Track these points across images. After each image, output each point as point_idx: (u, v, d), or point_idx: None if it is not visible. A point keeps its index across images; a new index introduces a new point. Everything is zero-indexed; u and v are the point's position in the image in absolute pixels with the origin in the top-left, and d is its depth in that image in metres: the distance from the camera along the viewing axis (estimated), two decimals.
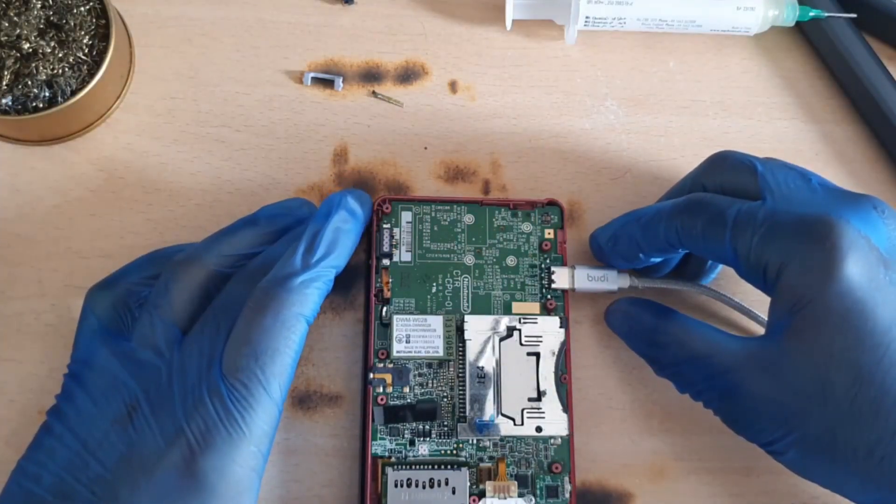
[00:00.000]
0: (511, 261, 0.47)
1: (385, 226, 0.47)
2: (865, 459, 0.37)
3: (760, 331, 0.49)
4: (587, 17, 0.51)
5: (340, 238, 0.42)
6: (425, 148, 0.51)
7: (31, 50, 0.46)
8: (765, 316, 0.47)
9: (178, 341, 0.41)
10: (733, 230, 0.40)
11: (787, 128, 0.53)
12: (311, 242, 0.41)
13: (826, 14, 0.51)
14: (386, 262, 0.46)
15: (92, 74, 0.46)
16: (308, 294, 0.40)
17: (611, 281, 0.47)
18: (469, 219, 0.48)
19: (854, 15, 0.52)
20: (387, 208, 0.47)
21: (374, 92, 0.51)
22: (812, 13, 0.51)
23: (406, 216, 0.47)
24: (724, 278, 0.49)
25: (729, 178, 0.43)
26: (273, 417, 0.39)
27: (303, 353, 0.47)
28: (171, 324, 0.41)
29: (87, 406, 0.40)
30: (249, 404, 0.38)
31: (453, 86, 0.52)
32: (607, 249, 0.46)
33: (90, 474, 0.38)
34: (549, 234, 0.48)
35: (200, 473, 0.38)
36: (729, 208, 0.41)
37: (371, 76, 0.52)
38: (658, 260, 0.46)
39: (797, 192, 0.40)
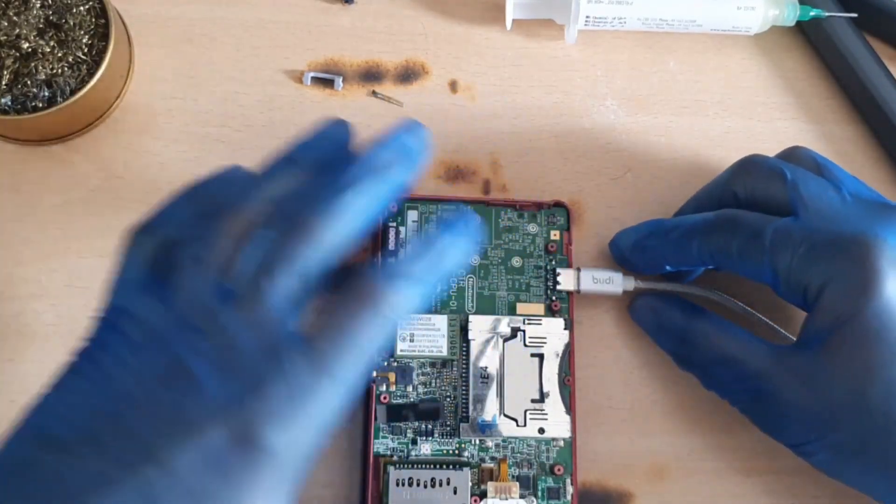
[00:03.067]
0: (516, 261, 0.47)
1: (391, 224, 0.47)
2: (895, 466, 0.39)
3: (764, 332, 0.49)
4: (587, 17, 0.51)
5: (455, 261, 0.40)
6: None
7: (30, 49, 0.46)
8: (765, 317, 0.47)
9: (231, 300, 0.38)
10: (772, 252, 0.41)
11: (787, 128, 0.53)
12: (434, 255, 0.39)
13: (826, 14, 0.51)
14: (392, 260, 0.46)
15: (91, 74, 0.46)
16: (411, 297, 0.38)
17: (616, 283, 0.47)
18: None
19: (854, 15, 0.52)
20: (393, 207, 0.47)
21: (374, 92, 0.51)
22: (812, 13, 0.51)
23: (412, 215, 0.47)
24: (727, 280, 0.49)
25: (759, 185, 0.43)
26: (342, 404, 0.37)
27: None
28: (220, 279, 0.38)
29: (128, 357, 0.37)
30: (323, 387, 0.36)
31: (453, 86, 0.52)
32: (632, 258, 0.47)
33: (125, 427, 0.35)
34: (554, 235, 0.48)
35: (261, 446, 0.35)
36: (764, 228, 0.41)
37: (371, 76, 0.52)
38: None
39: (830, 206, 0.41)
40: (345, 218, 0.38)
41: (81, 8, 0.47)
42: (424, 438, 0.45)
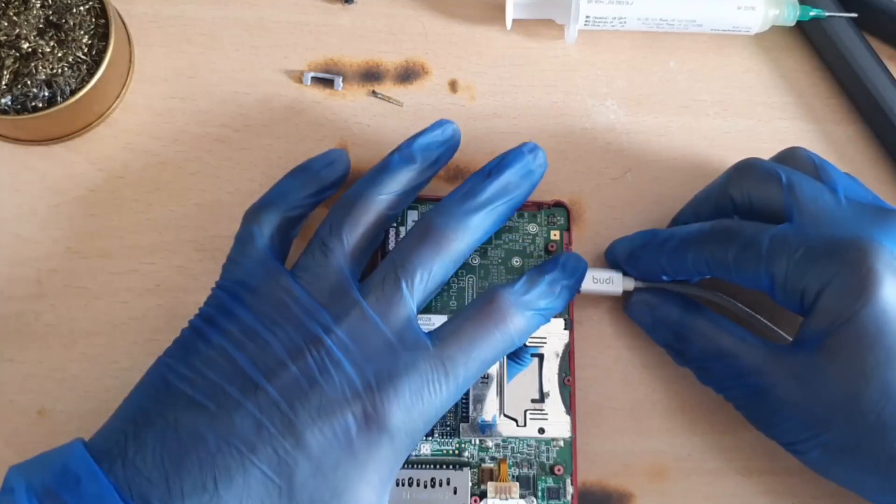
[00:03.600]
0: (516, 261, 0.47)
1: (391, 225, 0.47)
2: (887, 466, 0.39)
3: (763, 333, 0.49)
4: (587, 17, 0.51)
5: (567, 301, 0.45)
6: None
7: (30, 49, 0.46)
8: (764, 319, 0.47)
9: (367, 291, 0.41)
10: (768, 260, 0.41)
11: (787, 128, 0.53)
12: (557, 295, 0.44)
13: (827, 14, 0.51)
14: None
15: (91, 74, 0.46)
16: (533, 326, 0.43)
17: (616, 284, 0.47)
18: None
19: (855, 14, 0.52)
20: None
21: (373, 91, 0.51)
22: (813, 13, 0.51)
23: (412, 215, 0.47)
24: (727, 283, 0.49)
25: (755, 188, 0.43)
26: (456, 399, 0.41)
27: None
28: (345, 267, 0.42)
29: (259, 329, 0.40)
30: (445, 385, 0.40)
31: (453, 85, 0.52)
32: (627, 268, 0.47)
33: (264, 395, 0.38)
34: (554, 235, 0.48)
35: (386, 428, 0.39)
36: (759, 236, 0.41)
37: (371, 76, 0.52)
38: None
39: (825, 209, 0.41)
40: (476, 234, 0.43)
41: (81, 8, 0.47)
42: (424, 438, 0.45)
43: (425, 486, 0.44)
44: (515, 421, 0.45)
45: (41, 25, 0.46)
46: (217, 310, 0.41)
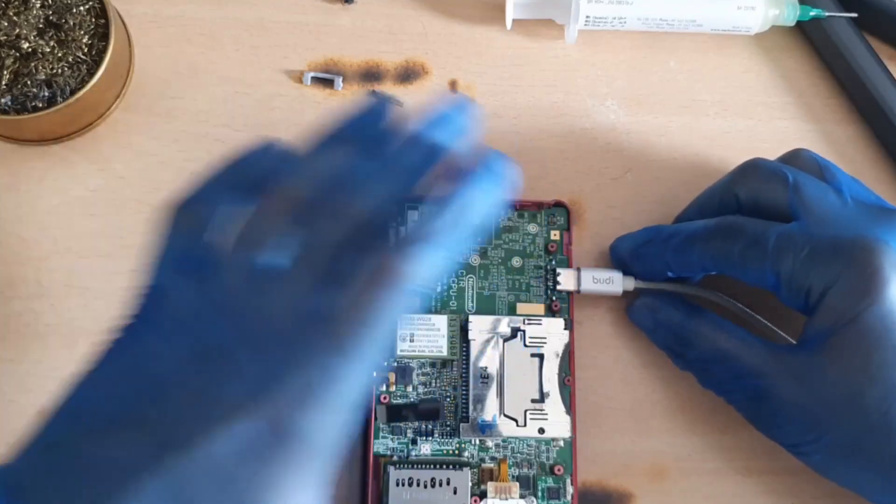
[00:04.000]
0: (516, 262, 0.48)
1: (390, 224, 0.47)
2: (890, 466, 0.39)
3: (764, 334, 0.49)
4: (587, 17, 0.51)
5: (481, 212, 0.38)
6: None
7: (30, 49, 0.46)
8: (765, 320, 0.47)
9: (268, 280, 0.38)
10: (774, 257, 0.41)
11: (787, 127, 0.53)
12: (452, 213, 0.38)
13: (827, 14, 0.51)
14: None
15: (91, 74, 0.46)
16: (431, 267, 0.37)
17: (616, 283, 0.47)
18: None
19: (855, 14, 0.52)
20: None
21: (374, 92, 0.51)
22: (813, 13, 0.51)
23: (412, 215, 0.47)
24: (728, 282, 0.49)
25: (761, 189, 0.44)
26: (364, 382, 0.37)
27: None
28: (266, 262, 0.39)
29: (174, 337, 0.37)
30: (346, 371, 0.36)
31: (453, 85, 0.52)
32: (631, 265, 0.47)
33: (171, 408, 0.36)
34: (554, 235, 0.48)
35: (291, 431, 0.36)
36: (767, 234, 0.41)
37: (371, 76, 0.52)
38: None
39: (831, 210, 0.41)
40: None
41: (81, 8, 0.47)
42: (424, 438, 0.45)
43: (425, 486, 0.44)
44: (515, 421, 0.45)
45: (41, 25, 0.46)
46: (134, 317, 0.38)
